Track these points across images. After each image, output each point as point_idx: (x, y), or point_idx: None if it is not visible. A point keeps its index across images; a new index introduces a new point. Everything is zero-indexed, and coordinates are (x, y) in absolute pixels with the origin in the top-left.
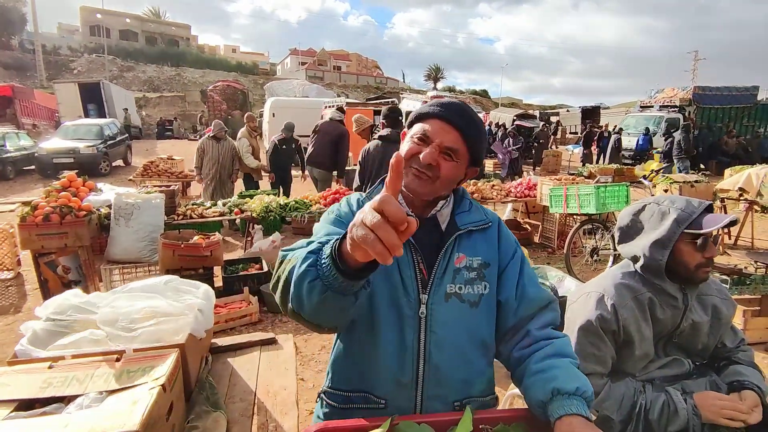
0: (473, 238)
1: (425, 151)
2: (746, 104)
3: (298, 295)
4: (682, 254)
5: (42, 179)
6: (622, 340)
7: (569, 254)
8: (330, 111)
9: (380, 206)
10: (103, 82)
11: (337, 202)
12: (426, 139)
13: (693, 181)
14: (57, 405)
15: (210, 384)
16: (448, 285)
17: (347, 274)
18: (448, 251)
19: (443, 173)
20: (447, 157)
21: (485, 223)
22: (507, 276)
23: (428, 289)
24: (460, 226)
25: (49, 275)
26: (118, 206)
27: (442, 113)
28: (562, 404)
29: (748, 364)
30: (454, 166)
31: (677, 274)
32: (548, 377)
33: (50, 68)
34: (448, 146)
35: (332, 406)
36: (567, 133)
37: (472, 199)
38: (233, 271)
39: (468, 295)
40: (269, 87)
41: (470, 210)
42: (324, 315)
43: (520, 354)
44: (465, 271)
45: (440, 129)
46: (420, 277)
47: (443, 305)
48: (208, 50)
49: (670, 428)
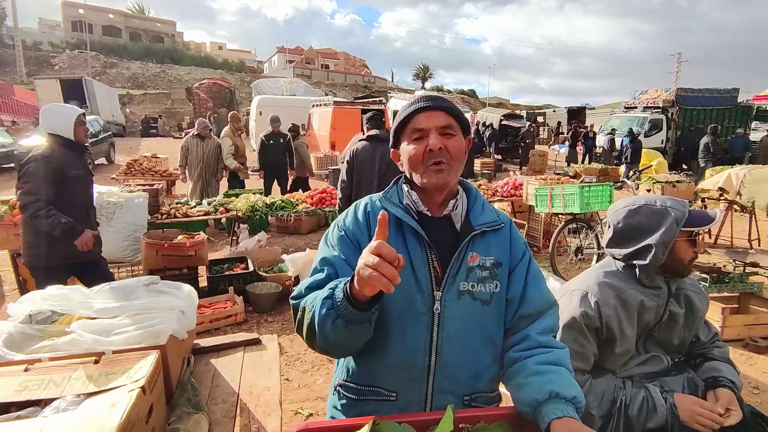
0: (486, 238)
1: (431, 141)
2: (727, 106)
3: (325, 335)
4: (679, 251)
5: None
6: (604, 337)
7: (554, 253)
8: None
9: (377, 250)
10: (85, 78)
11: (341, 213)
12: (422, 133)
13: (675, 181)
14: (33, 408)
15: (192, 385)
16: (462, 283)
17: (360, 308)
18: (463, 250)
19: (453, 151)
20: (447, 135)
21: (498, 224)
22: (515, 276)
23: (442, 286)
24: (474, 226)
25: (28, 276)
26: (99, 205)
27: (420, 106)
28: (558, 407)
29: (723, 360)
30: (457, 140)
31: (670, 268)
32: (547, 380)
33: (30, 64)
34: (444, 125)
35: (349, 398)
36: (556, 133)
37: (485, 200)
38: (218, 271)
39: (480, 293)
40: (256, 85)
41: (483, 210)
42: (350, 343)
43: (517, 355)
44: (478, 270)
45: (427, 117)
46: (434, 274)
47: (456, 302)
48: (194, 47)
49: (648, 424)
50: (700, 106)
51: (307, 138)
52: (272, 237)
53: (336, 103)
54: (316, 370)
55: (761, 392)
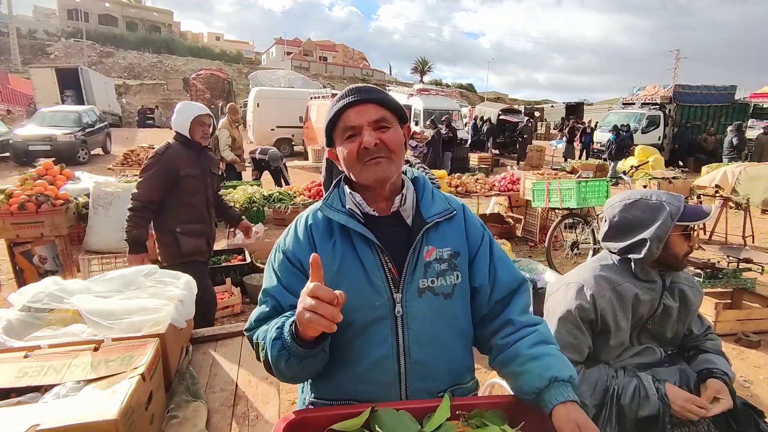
0: (440, 228)
1: (364, 138)
2: (724, 103)
3: (281, 372)
4: (674, 245)
5: (17, 167)
6: (599, 330)
7: (550, 248)
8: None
9: (313, 293)
10: (81, 67)
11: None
12: (354, 130)
13: (671, 177)
14: (33, 394)
15: (190, 374)
16: (420, 280)
17: (310, 346)
18: (417, 246)
19: (390, 144)
20: (382, 129)
21: (450, 212)
22: (478, 262)
23: (400, 287)
24: (426, 218)
25: (25, 265)
26: (96, 195)
27: (348, 101)
28: (559, 391)
29: (716, 353)
30: (393, 131)
31: (665, 262)
32: (544, 365)
33: (25, 52)
34: (376, 119)
35: None
36: (551, 129)
37: (432, 186)
38: (216, 262)
39: (441, 288)
40: (254, 76)
41: (434, 200)
42: (308, 372)
43: (505, 341)
44: (436, 264)
45: (358, 113)
46: (390, 276)
47: (417, 301)
48: (191, 37)
49: (641, 413)
50: (697, 103)
51: (305, 130)
52: (269, 229)
53: (334, 96)
54: None
55: (752, 385)
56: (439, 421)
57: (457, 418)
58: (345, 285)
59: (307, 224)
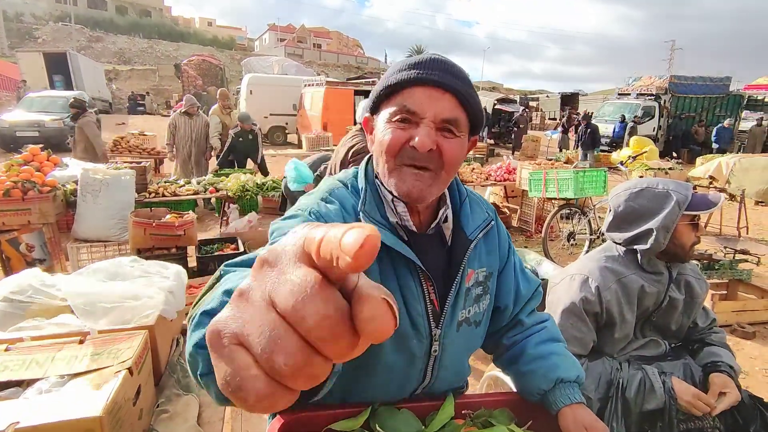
0: (478, 246)
1: (418, 135)
2: (719, 94)
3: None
4: (681, 235)
5: (4, 153)
6: (604, 322)
7: (546, 238)
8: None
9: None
10: (70, 52)
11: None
12: (412, 118)
13: (667, 168)
14: (14, 389)
15: (181, 366)
16: (460, 311)
17: None
18: (461, 274)
19: (448, 158)
20: (447, 133)
21: (489, 222)
22: (505, 278)
23: (440, 323)
24: (468, 235)
25: (12, 253)
26: (85, 182)
27: (423, 76)
28: (565, 393)
29: (721, 345)
30: (458, 143)
31: (671, 253)
32: (551, 365)
33: (12, 36)
34: (446, 118)
35: None
36: (546, 119)
37: (465, 187)
38: (208, 251)
39: (475, 316)
40: (247, 63)
41: (472, 208)
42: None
43: (512, 341)
44: (473, 289)
45: (427, 98)
46: (431, 309)
47: (455, 335)
48: (182, 22)
49: (646, 406)
50: (692, 94)
51: (299, 118)
52: (263, 217)
53: (328, 84)
54: None
55: (747, 377)
56: (443, 421)
57: (462, 417)
58: None
59: (345, 209)
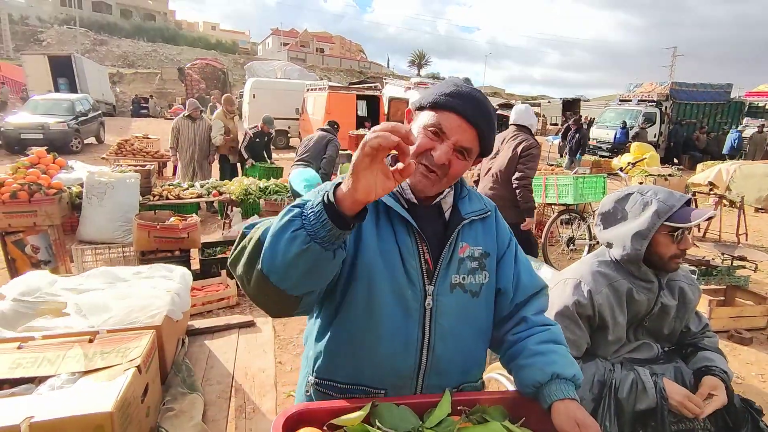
0: (474, 227)
1: (439, 150)
2: (720, 101)
3: (274, 250)
4: (658, 245)
5: (8, 155)
6: (596, 325)
7: (546, 243)
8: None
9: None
10: (74, 55)
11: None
12: (440, 135)
13: (667, 174)
14: (27, 386)
15: (187, 366)
16: (453, 275)
17: (337, 220)
18: (453, 241)
19: (452, 172)
20: (459, 155)
21: (485, 212)
22: (504, 265)
23: (434, 280)
24: (463, 215)
25: (17, 254)
26: (90, 185)
27: (461, 107)
28: (560, 388)
29: (714, 350)
30: (464, 164)
31: (650, 262)
32: (548, 361)
33: (17, 39)
34: (464, 146)
35: (330, 396)
36: (547, 124)
37: (470, 187)
38: (211, 254)
39: (470, 285)
40: (250, 67)
41: (470, 197)
42: (295, 273)
43: (516, 337)
44: (468, 261)
45: (457, 127)
46: (425, 267)
47: (448, 296)
48: (186, 26)
49: (638, 406)
50: (693, 101)
51: (301, 122)
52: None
53: (331, 88)
54: None
55: (744, 382)
56: (440, 417)
57: (458, 413)
58: (381, 266)
59: None
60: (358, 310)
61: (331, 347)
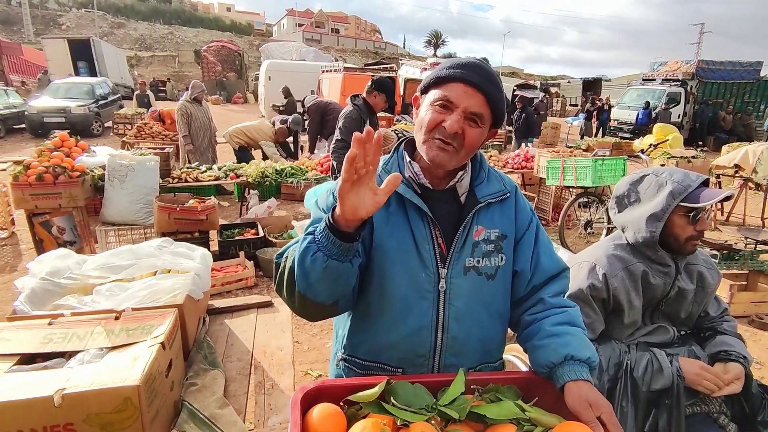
0: (491, 209)
1: (450, 119)
2: (749, 80)
3: (303, 272)
4: (674, 227)
5: (33, 138)
6: (612, 309)
7: (563, 226)
8: None
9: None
10: (93, 39)
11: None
12: (449, 106)
13: (690, 156)
14: (58, 360)
15: (208, 344)
16: (467, 259)
17: (342, 236)
18: (468, 225)
19: (468, 141)
20: (472, 123)
21: (504, 193)
22: (523, 246)
23: (447, 264)
24: (480, 198)
25: (44, 235)
26: (112, 168)
27: (464, 75)
28: (573, 369)
29: (733, 335)
30: (479, 132)
31: (666, 245)
32: (563, 342)
33: (37, 23)
34: (474, 111)
35: (354, 371)
36: (567, 105)
37: (489, 166)
38: (229, 236)
39: (485, 268)
40: (265, 49)
41: (489, 179)
42: (326, 285)
43: (532, 318)
44: (483, 244)
45: (463, 93)
46: (438, 251)
47: (462, 279)
48: (201, 8)
49: (654, 385)
50: (720, 80)
51: None
52: (282, 203)
53: (346, 69)
54: (324, 334)
55: (763, 367)
56: (453, 395)
57: (472, 392)
58: (394, 252)
59: None
60: (373, 291)
61: (353, 327)
